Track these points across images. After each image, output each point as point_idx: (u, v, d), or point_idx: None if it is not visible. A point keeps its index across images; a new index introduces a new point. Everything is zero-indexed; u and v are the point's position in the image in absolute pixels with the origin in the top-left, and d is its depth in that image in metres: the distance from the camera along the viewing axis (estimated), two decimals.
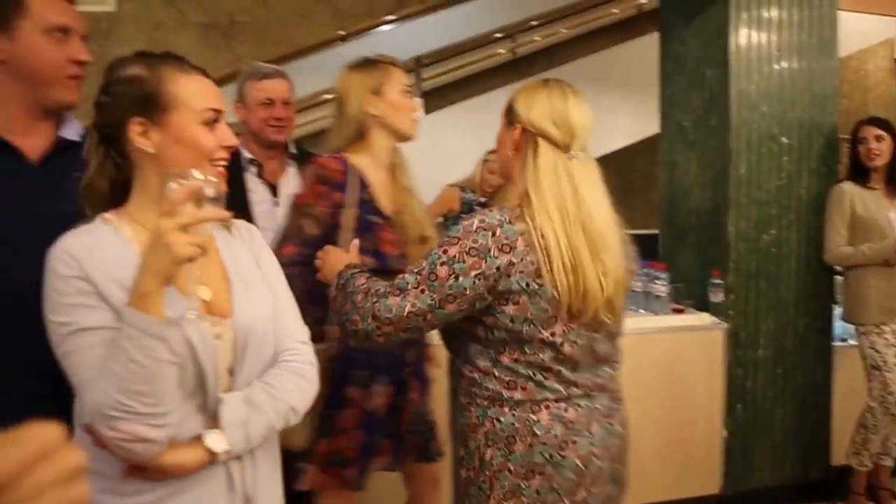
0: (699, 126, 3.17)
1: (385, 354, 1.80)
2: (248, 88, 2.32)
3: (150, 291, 0.97)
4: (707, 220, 3.11)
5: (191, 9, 5.10)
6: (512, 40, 5.37)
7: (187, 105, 1.11)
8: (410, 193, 1.96)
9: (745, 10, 2.99)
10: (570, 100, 1.45)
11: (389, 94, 1.89)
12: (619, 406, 1.50)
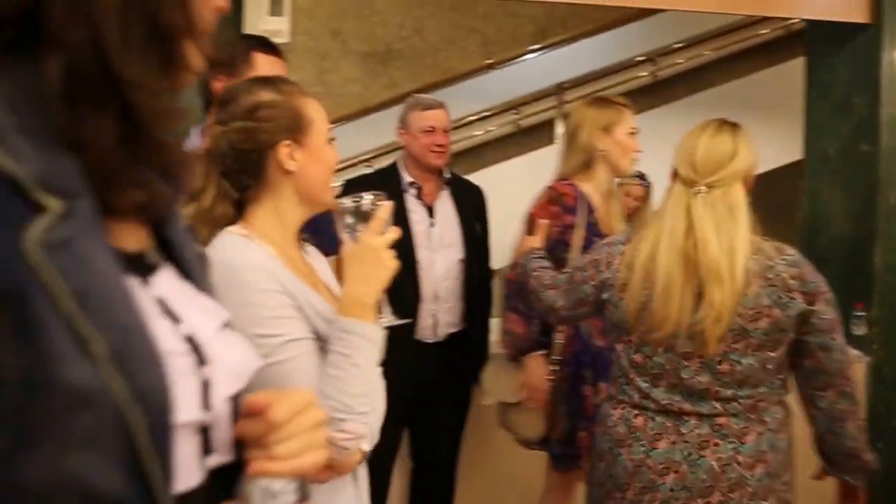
0: (845, 154, 3.12)
1: (603, 357, 2.06)
2: (412, 117, 2.58)
3: (369, 302, 1.13)
4: (851, 250, 3.05)
5: (353, 39, 5.60)
6: (653, 63, 5.42)
7: (318, 125, 1.22)
8: (620, 220, 2.35)
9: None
10: (704, 137, 1.61)
11: (617, 133, 2.24)
12: (724, 443, 1.53)
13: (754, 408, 1.56)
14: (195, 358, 0.57)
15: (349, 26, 5.59)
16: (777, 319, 1.52)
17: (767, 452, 1.55)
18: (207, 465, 0.60)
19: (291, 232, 1.24)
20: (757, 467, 1.53)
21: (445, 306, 2.52)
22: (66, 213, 0.48)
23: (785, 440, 1.60)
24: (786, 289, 1.52)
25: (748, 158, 1.61)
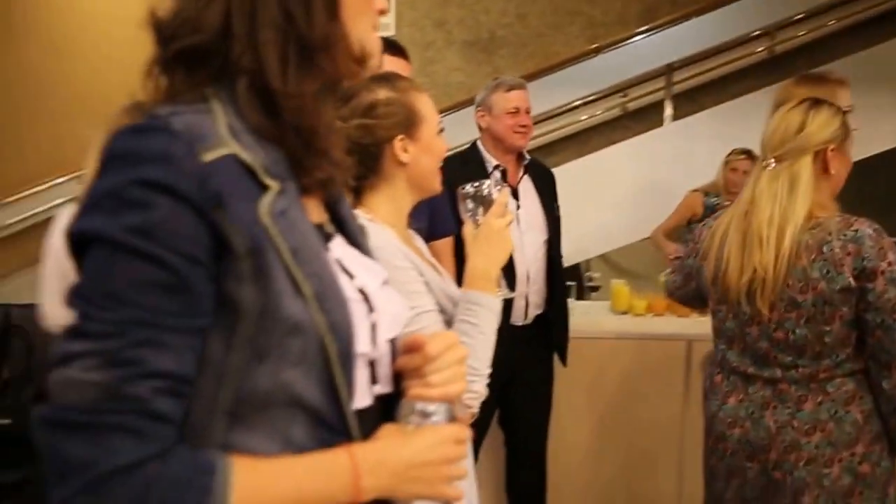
0: None
1: None
2: (495, 98, 2.61)
3: (493, 276, 1.29)
4: None
5: (457, 28, 5.74)
6: (770, 38, 5.24)
7: (429, 120, 1.36)
8: None
9: None
10: (779, 113, 1.70)
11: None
12: (781, 407, 1.64)
13: (814, 377, 1.62)
14: (366, 306, 0.72)
15: (452, 15, 5.73)
16: (822, 292, 1.58)
17: (828, 422, 1.61)
18: (375, 392, 0.74)
19: (404, 216, 1.42)
20: (814, 434, 1.61)
21: (534, 288, 2.59)
22: (280, 190, 0.66)
23: (855, 414, 1.62)
24: (835, 263, 1.57)
25: (820, 133, 1.65)
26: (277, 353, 0.64)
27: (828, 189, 1.71)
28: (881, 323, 1.57)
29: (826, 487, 1.60)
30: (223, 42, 0.68)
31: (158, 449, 0.59)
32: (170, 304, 0.61)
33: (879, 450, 1.63)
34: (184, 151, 0.63)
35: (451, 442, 0.72)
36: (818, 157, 1.66)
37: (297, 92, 0.69)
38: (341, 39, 0.72)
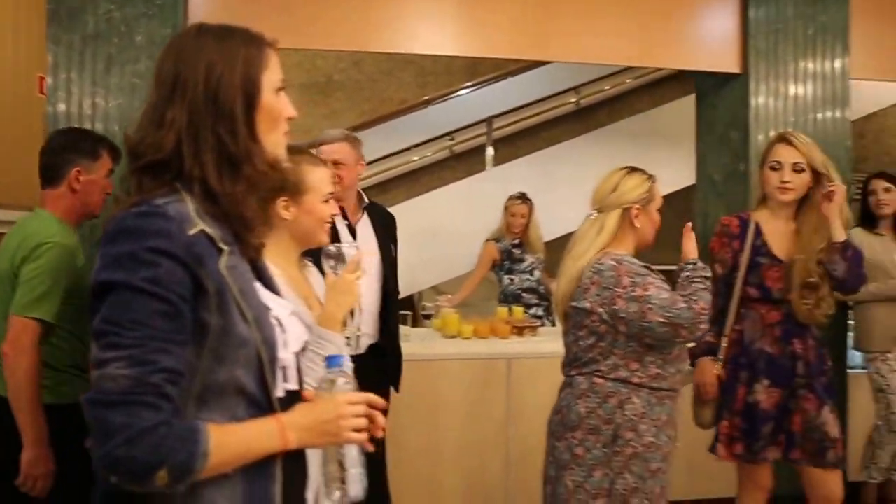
0: (727, 180, 3.85)
1: (765, 361, 2.56)
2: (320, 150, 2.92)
3: (340, 319, 1.69)
4: None
5: (294, 70, 6.13)
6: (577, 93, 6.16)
7: (315, 189, 1.75)
8: (810, 244, 2.54)
9: (764, 83, 3.67)
10: (605, 174, 2.27)
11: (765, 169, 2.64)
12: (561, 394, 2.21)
13: (571, 373, 2.19)
14: (280, 328, 1.15)
15: (290, 58, 6.12)
16: (580, 310, 2.13)
17: (564, 408, 2.16)
18: (286, 388, 1.16)
19: (292, 259, 1.82)
20: (557, 415, 2.18)
21: (367, 320, 2.81)
22: (230, 252, 1.06)
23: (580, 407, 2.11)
24: (584, 289, 2.12)
25: (628, 194, 2.17)
26: (231, 359, 1.03)
27: (634, 239, 2.21)
28: (642, 328, 2.05)
29: (556, 457, 2.14)
30: (177, 158, 1.06)
31: (167, 417, 0.95)
32: (170, 325, 0.97)
33: (594, 440, 2.08)
34: (177, 229, 1.00)
35: (344, 404, 1.11)
36: (626, 213, 2.17)
37: (231, 191, 1.07)
38: (258, 153, 1.10)
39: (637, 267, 2.12)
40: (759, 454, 2.55)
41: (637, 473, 2.08)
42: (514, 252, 4.42)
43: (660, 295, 2.05)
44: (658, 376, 2.13)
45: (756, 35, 3.69)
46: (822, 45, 3.74)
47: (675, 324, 2.02)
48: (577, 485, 2.09)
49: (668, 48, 3.77)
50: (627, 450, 2.07)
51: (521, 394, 3.41)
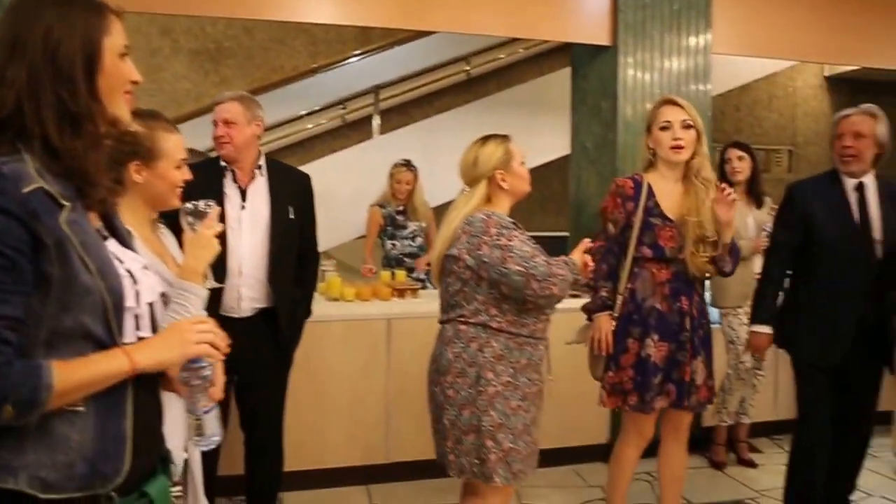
0: (598, 148, 4.05)
1: (656, 318, 2.65)
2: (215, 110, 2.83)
3: (200, 271, 1.74)
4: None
5: (183, 37, 5.95)
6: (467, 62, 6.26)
7: (168, 155, 1.83)
8: (698, 204, 2.65)
9: (631, 56, 3.88)
10: (465, 150, 2.39)
11: (654, 130, 2.73)
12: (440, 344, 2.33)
13: (445, 322, 2.32)
14: (131, 280, 1.20)
15: (179, 24, 5.94)
16: (450, 258, 2.29)
17: (438, 355, 2.32)
18: (138, 335, 1.22)
19: (144, 220, 1.86)
20: (433, 363, 2.34)
21: (248, 282, 2.74)
22: (72, 208, 1.12)
23: (449, 353, 2.27)
24: (456, 238, 2.27)
25: (487, 162, 2.32)
26: (76, 306, 1.10)
27: (508, 198, 2.36)
28: (500, 273, 2.18)
29: (434, 400, 2.31)
30: (17, 115, 1.10)
31: (8, 359, 1.04)
32: (8, 277, 1.05)
33: (461, 382, 2.24)
34: (12, 186, 1.06)
35: (188, 322, 1.23)
36: (492, 180, 2.32)
37: (71, 146, 1.12)
38: (99, 112, 1.16)
39: (506, 221, 2.27)
40: (649, 404, 2.67)
41: (500, 410, 2.23)
42: (397, 218, 4.50)
43: (522, 247, 2.20)
44: (516, 322, 2.27)
45: (625, 10, 3.87)
46: (687, 21, 3.96)
47: (529, 274, 2.16)
48: (451, 423, 2.26)
49: (546, 21, 3.91)
50: (489, 389, 2.22)
51: (401, 351, 3.53)
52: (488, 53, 6.33)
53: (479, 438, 2.22)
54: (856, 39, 4.58)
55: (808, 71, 6.99)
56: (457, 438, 2.25)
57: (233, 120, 2.74)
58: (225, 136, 2.75)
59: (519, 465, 2.26)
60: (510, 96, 5.95)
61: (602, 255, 2.69)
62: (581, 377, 3.76)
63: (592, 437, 3.90)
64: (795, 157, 7.00)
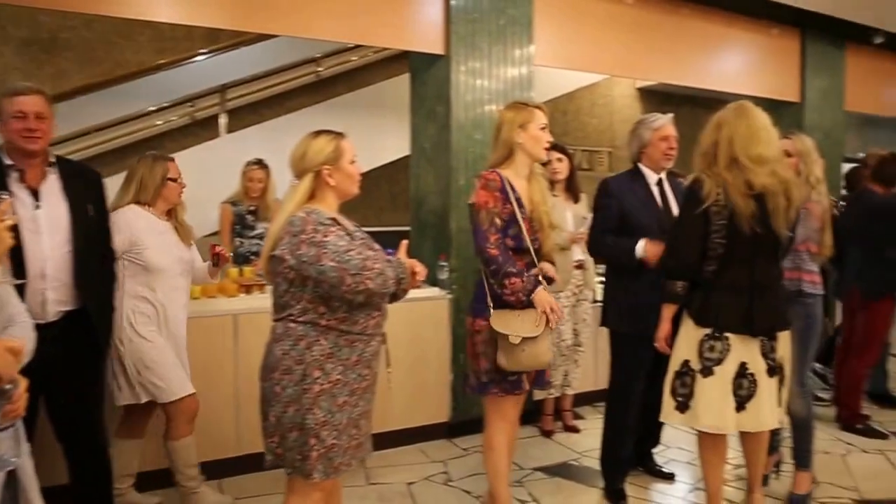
0: (435, 148, 4.34)
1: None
2: (3, 104, 2.60)
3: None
4: (439, 218, 4.29)
5: (11, 25, 5.59)
6: (317, 64, 6.36)
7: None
8: (543, 195, 2.88)
9: (463, 64, 4.18)
10: (297, 143, 2.30)
11: (531, 129, 2.82)
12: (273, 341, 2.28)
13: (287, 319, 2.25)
14: None
15: (6, 10, 5.57)
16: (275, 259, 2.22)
17: (269, 353, 2.27)
18: None
19: None
20: (265, 359, 2.29)
21: (54, 284, 2.59)
22: None
23: (278, 350, 2.22)
24: (280, 239, 2.20)
25: (315, 156, 2.24)
26: None
27: (334, 196, 2.29)
28: (318, 271, 2.12)
29: (263, 396, 2.26)
30: None
31: None
32: None
33: (288, 379, 2.20)
34: None
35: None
36: (319, 175, 2.25)
37: None
38: None
39: (324, 218, 2.19)
40: (521, 385, 2.84)
41: (325, 408, 2.20)
42: (246, 218, 4.56)
43: (338, 242, 2.15)
44: (347, 319, 2.23)
45: (457, 22, 4.17)
46: (512, 35, 4.33)
47: (342, 268, 2.11)
48: (277, 419, 2.23)
49: (385, 28, 4.12)
50: (315, 387, 2.19)
51: (248, 345, 3.63)
52: (339, 56, 6.45)
53: (303, 436, 2.20)
54: (657, 59, 5.19)
55: (623, 83, 7.72)
56: (282, 435, 2.23)
57: (44, 114, 2.62)
58: (38, 130, 2.60)
59: (341, 458, 2.25)
60: (358, 98, 6.13)
61: (499, 246, 2.74)
62: (422, 365, 4.06)
63: (434, 416, 4.18)
64: (614, 158, 7.71)
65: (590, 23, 4.76)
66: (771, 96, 5.75)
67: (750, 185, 2.66)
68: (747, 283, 2.72)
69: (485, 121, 4.23)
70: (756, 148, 2.67)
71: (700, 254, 2.74)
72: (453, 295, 4.17)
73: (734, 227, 2.66)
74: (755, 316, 2.72)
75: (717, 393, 2.75)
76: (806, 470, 3.35)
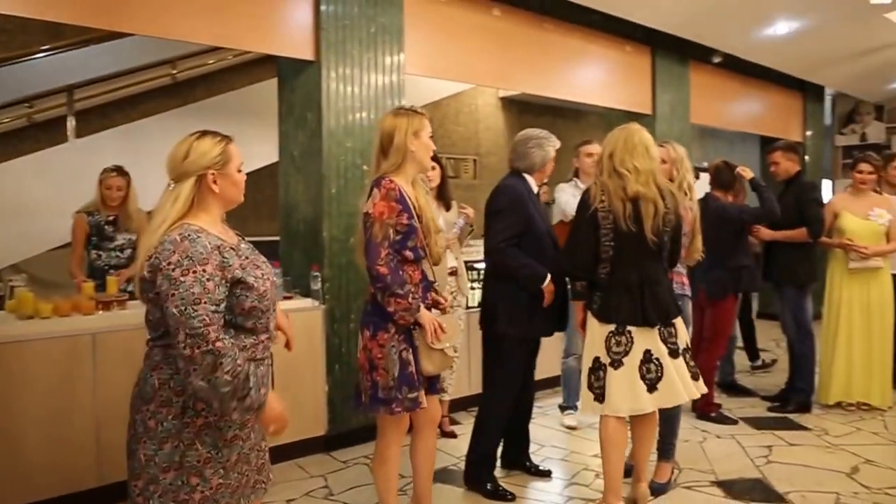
0: (304, 156, 4.30)
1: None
2: None
3: None
4: (310, 227, 4.26)
5: None
6: (173, 66, 6.10)
7: None
8: (428, 202, 2.92)
9: (334, 70, 4.18)
10: (177, 142, 2.07)
11: (423, 136, 2.85)
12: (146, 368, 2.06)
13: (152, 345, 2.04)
14: None
15: None
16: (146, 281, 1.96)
17: (143, 380, 2.04)
18: None
19: None
20: (136, 386, 2.05)
21: None
22: None
23: (154, 379, 1.99)
24: (151, 259, 1.94)
25: (201, 158, 2.02)
26: None
27: (217, 204, 2.07)
28: (165, 310, 1.86)
29: (134, 429, 2.02)
30: None
31: None
32: None
33: (165, 412, 1.97)
34: None
35: None
36: (203, 179, 2.03)
37: None
38: None
39: (201, 247, 1.93)
40: (418, 401, 2.81)
41: (209, 443, 2.01)
42: (105, 229, 4.28)
43: (192, 288, 1.87)
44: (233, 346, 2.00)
45: (327, 28, 4.17)
46: (383, 43, 4.39)
47: (181, 321, 1.86)
48: (148, 458, 1.98)
49: (252, 32, 4.03)
50: (198, 420, 1.99)
51: (109, 367, 3.43)
52: (197, 58, 6.22)
53: (182, 475, 1.97)
54: (522, 71, 5.45)
55: (487, 92, 8.01)
56: (151, 478, 1.98)
57: None
58: None
59: (228, 499, 2.05)
60: (219, 103, 5.95)
61: (389, 263, 2.74)
62: (295, 378, 4.00)
63: (310, 430, 4.13)
64: (479, 165, 7.98)
65: (459, 33, 4.92)
66: (626, 108, 6.18)
67: (625, 191, 3.06)
68: (637, 282, 3.12)
69: (355, 128, 4.25)
70: (632, 161, 3.10)
71: (593, 255, 3.13)
72: (326, 305, 4.14)
73: (619, 230, 3.06)
74: (647, 308, 3.11)
75: (628, 381, 3.09)
76: (668, 461, 3.66)
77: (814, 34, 6.43)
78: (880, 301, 4.88)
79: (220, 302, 1.93)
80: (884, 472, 3.82)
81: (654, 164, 3.16)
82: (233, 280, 1.98)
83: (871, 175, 4.90)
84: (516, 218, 3.41)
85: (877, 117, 10.08)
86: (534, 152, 3.54)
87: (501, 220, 3.42)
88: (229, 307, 1.99)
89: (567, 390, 4.75)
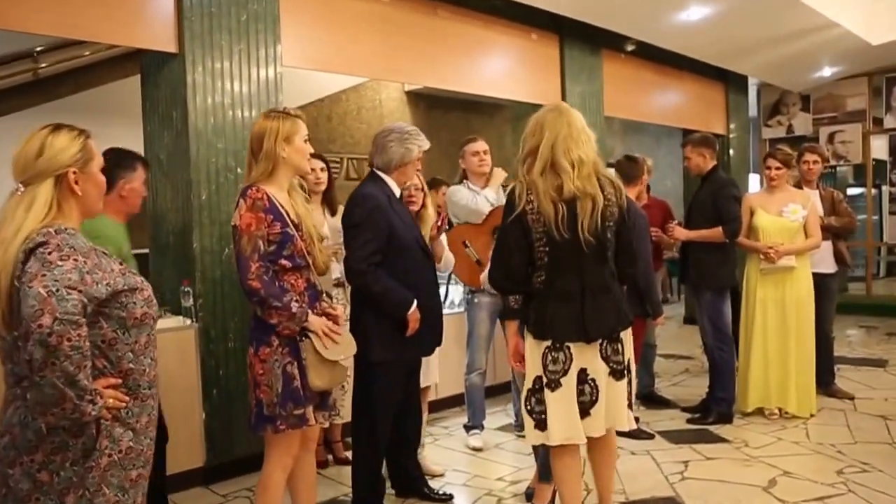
0: (171, 159, 4.14)
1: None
2: None
3: None
4: (179, 238, 4.10)
5: None
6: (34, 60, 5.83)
7: None
8: (308, 209, 2.90)
9: (201, 64, 4.04)
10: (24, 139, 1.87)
11: (296, 141, 2.79)
12: None
13: (19, 383, 1.81)
14: None
15: None
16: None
17: (16, 426, 1.80)
18: None
19: None
20: (5, 437, 1.83)
21: None
22: None
23: (40, 422, 1.78)
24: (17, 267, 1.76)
25: (59, 156, 1.85)
26: None
27: (78, 210, 1.91)
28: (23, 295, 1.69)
29: (11, 488, 1.80)
30: None
31: None
32: None
33: (60, 460, 1.80)
34: None
35: None
36: (62, 180, 1.86)
37: None
38: None
39: (81, 243, 1.84)
40: (305, 418, 2.78)
41: (117, 485, 1.88)
42: None
43: (68, 274, 1.74)
44: (132, 372, 1.92)
45: (191, 17, 4.02)
46: (256, 33, 4.26)
47: (47, 301, 1.69)
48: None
49: (106, 23, 3.84)
50: (103, 460, 1.85)
51: None
52: (63, 52, 5.95)
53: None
54: (416, 62, 5.39)
55: (391, 87, 7.90)
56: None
57: None
58: None
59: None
60: (85, 100, 5.71)
61: (261, 276, 2.69)
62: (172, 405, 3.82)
63: (186, 462, 3.97)
64: None
65: (341, 22, 4.82)
66: (535, 101, 6.20)
67: (560, 191, 2.78)
68: (578, 289, 2.83)
69: (227, 127, 4.12)
70: (577, 150, 2.81)
71: (525, 263, 2.87)
72: (200, 324, 4.00)
73: (552, 233, 2.78)
74: (587, 321, 2.82)
75: (565, 404, 2.84)
76: (548, 482, 3.43)
77: (729, 19, 6.59)
78: (796, 301, 4.92)
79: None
80: (801, 484, 3.85)
81: (595, 150, 2.91)
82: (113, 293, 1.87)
83: (780, 171, 5.00)
84: (375, 232, 3.22)
85: (803, 108, 10.46)
86: (392, 147, 3.37)
87: (358, 236, 3.24)
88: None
89: (471, 409, 4.70)
